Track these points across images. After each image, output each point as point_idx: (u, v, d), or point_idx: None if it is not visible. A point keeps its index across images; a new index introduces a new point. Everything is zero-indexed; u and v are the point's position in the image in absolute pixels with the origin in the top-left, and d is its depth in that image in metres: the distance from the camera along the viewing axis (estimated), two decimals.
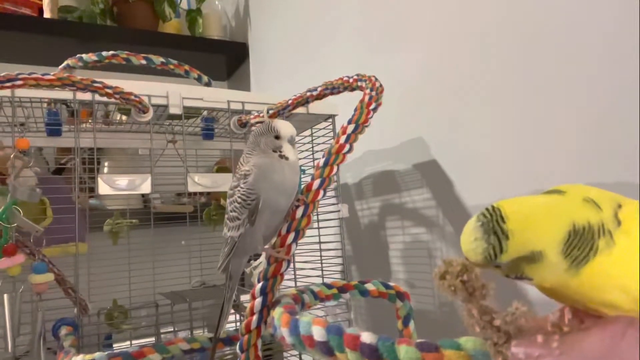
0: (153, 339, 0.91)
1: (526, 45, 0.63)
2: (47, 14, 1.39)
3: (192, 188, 0.79)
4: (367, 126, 0.55)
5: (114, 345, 0.93)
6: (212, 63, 1.61)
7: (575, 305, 0.30)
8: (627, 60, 0.51)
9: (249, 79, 1.57)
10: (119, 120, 0.91)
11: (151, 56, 0.90)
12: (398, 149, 0.87)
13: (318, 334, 0.37)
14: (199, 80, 0.97)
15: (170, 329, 0.90)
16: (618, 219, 0.29)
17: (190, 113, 0.88)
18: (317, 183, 0.52)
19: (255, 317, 0.49)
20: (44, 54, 1.37)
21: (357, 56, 0.98)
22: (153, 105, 0.75)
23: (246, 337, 0.49)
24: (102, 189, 0.72)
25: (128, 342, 0.91)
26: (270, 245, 0.53)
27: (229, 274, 0.57)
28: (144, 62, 0.88)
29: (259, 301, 0.49)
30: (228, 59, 1.62)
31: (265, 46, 1.45)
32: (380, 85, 0.59)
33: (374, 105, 0.55)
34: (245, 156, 0.55)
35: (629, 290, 0.27)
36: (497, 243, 0.27)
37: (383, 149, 0.91)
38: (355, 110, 0.56)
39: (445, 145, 0.77)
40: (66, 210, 0.75)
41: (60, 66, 0.83)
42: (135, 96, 0.70)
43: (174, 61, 0.93)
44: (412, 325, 0.62)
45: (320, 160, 0.54)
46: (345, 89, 0.64)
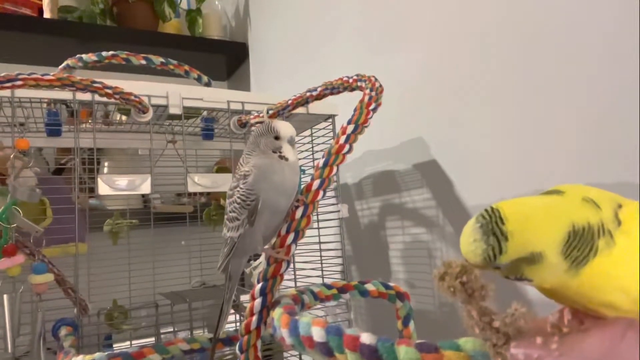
0: (153, 339, 0.91)
1: (526, 45, 0.63)
2: (47, 14, 1.38)
3: (192, 188, 0.79)
4: (367, 126, 0.55)
5: (114, 346, 0.93)
6: (212, 63, 1.61)
7: (575, 306, 0.30)
8: (627, 60, 0.51)
9: (248, 79, 1.56)
10: (119, 121, 0.91)
11: (151, 56, 0.90)
12: (398, 149, 0.87)
13: (317, 334, 0.37)
14: (199, 80, 0.97)
15: (170, 329, 0.90)
16: (618, 219, 0.29)
17: (190, 113, 0.88)
18: (317, 183, 0.52)
19: (254, 318, 0.49)
20: (44, 54, 1.36)
21: (357, 56, 0.98)
22: (153, 106, 0.75)
23: (246, 338, 0.49)
24: (102, 189, 0.72)
25: (128, 343, 0.91)
26: (270, 246, 0.53)
27: (229, 275, 0.57)
28: (143, 62, 0.88)
29: (258, 302, 0.49)
30: (228, 59, 1.61)
31: (265, 46, 1.45)
32: (380, 86, 0.59)
33: (373, 106, 0.55)
34: (245, 157, 0.55)
35: (629, 291, 0.27)
36: (497, 244, 0.27)
37: (383, 149, 0.91)
38: (354, 110, 0.56)
39: (445, 145, 0.77)
40: (66, 210, 0.75)
41: (60, 66, 0.83)
42: (135, 96, 0.70)
43: (174, 61, 0.93)
44: (412, 325, 0.62)
45: (320, 160, 0.54)
46: (345, 89, 0.64)
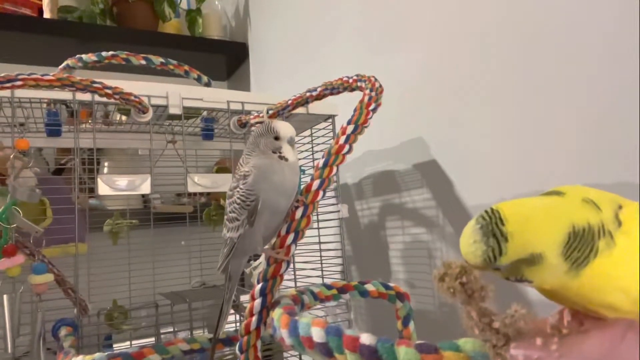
0: (153, 339, 0.91)
1: (526, 45, 0.63)
2: (47, 14, 1.38)
3: (192, 188, 0.79)
4: (367, 127, 0.55)
5: (114, 346, 0.93)
6: (212, 63, 1.61)
7: (575, 307, 0.30)
8: (627, 60, 0.51)
9: (248, 79, 1.56)
10: (119, 121, 0.91)
11: (151, 56, 0.90)
12: (398, 149, 0.87)
13: (317, 335, 0.37)
14: (199, 80, 0.97)
15: (170, 330, 0.90)
16: (619, 220, 0.29)
17: (190, 113, 0.88)
18: (317, 184, 0.52)
19: (254, 318, 0.49)
20: (44, 54, 1.36)
21: (357, 56, 0.98)
22: (153, 106, 0.75)
23: (246, 338, 0.49)
24: (102, 189, 0.72)
25: (128, 343, 0.91)
26: (270, 246, 0.53)
27: (229, 275, 0.57)
28: (143, 63, 0.88)
29: (258, 302, 0.49)
30: (228, 59, 1.61)
31: (265, 46, 1.45)
32: (380, 86, 0.58)
33: (373, 106, 0.55)
34: (245, 157, 0.55)
35: (629, 292, 0.27)
36: (497, 245, 0.27)
37: (383, 149, 0.91)
38: (354, 110, 0.56)
39: (445, 145, 0.77)
40: (66, 210, 0.75)
41: (60, 66, 0.83)
42: (135, 96, 0.70)
43: (174, 61, 0.93)
44: (412, 325, 0.62)
45: (320, 160, 0.54)
46: (345, 90, 0.64)
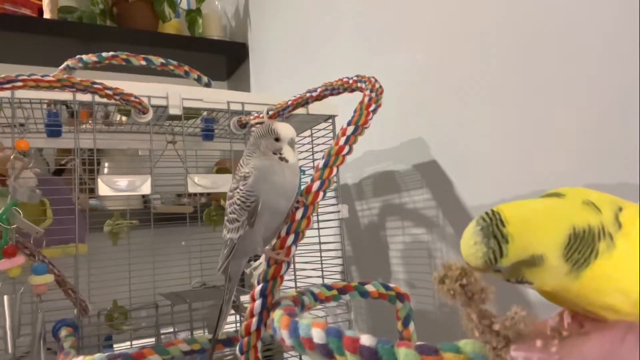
0: (153, 339, 0.91)
1: (526, 45, 0.63)
2: (47, 15, 1.38)
3: (192, 189, 0.79)
4: (367, 127, 0.55)
5: (114, 346, 0.93)
6: (212, 63, 1.61)
7: (575, 309, 0.30)
8: (627, 60, 0.51)
9: (248, 79, 1.56)
10: (119, 121, 0.91)
11: (151, 57, 0.90)
12: (398, 149, 0.87)
13: (317, 336, 0.36)
14: (199, 80, 0.97)
15: (171, 330, 0.90)
16: (619, 222, 0.29)
17: (190, 114, 0.88)
18: (317, 185, 0.52)
19: (255, 319, 0.48)
20: (44, 55, 1.36)
21: (357, 56, 0.98)
22: (153, 106, 0.75)
23: (246, 339, 0.49)
24: (102, 190, 0.72)
25: (128, 343, 0.91)
26: (270, 247, 0.53)
27: (229, 276, 0.57)
28: (143, 63, 0.88)
29: (258, 303, 0.49)
30: (228, 59, 1.61)
31: (265, 46, 1.45)
32: (380, 87, 0.58)
33: (373, 107, 0.55)
34: (245, 158, 0.55)
35: (629, 293, 0.27)
36: (497, 247, 0.27)
37: (383, 149, 0.91)
38: (354, 111, 0.56)
39: (445, 145, 0.77)
40: (66, 211, 0.75)
41: (60, 67, 0.83)
42: (135, 97, 0.70)
43: (174, 62, 0.93)
44: (412, 326, 0.62)
45: (320, 161, 0.54)
46: (345, 90, 0.64)
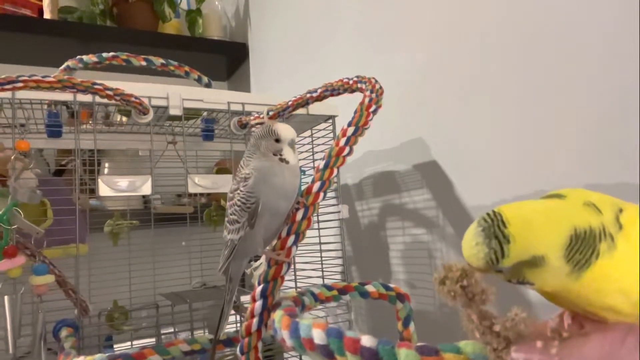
0: (153, 340, 0.91)
1: (526, 45, 0.63)
2: (47, 15, 1.39)
3: (193, 189, 0.79)
4: (367, 128, 0.55)
5: (115, 346, 0.94)
6: (212, 63, 1.61)
7: (576, 310, 0.30)
8: (627, 60, 0.51)
9: (249, 79, 1.56)
10: (119, 122, 0.91)
11: (151, 57, 0.90)
12: (398, 149, 0.87)
13: (318, 337, 0.37)
14: (199, 81, 0.97)
15: (171, 330, 0.91)
16: (619, 223, 0.29)
17: (190, 114, 0.88)
18: (317, 186, 0.52)
19: (255, 320, 0.49)
20: (44, 55, 1.37)
21: (357, 56, 0.98)
22: (153, 107, 0.75)
23: (247, 340, 0.49)
24: (103, 190, 0.72)
25: (128, 343, 0.91)
26: (271, 248, 0.53)
27: (229, 276, 0.57)
28: (144, 64, 0.88)
29: (259, 304, 0.49)
30: (228, 60, 1.61)
31: (265, 46, 1.45)
32: (380, 87, 0.58)
33: (374, 108, 0.55)
34: (246, 159, 0.55)
35: (629, 294, 0.27)
36: (499, 248, 0.27)
37: (383, 149, 0.91)
38: (355, 112, 0.56)
39: (445, 145, 0.77)
40: (67, 211, 0.75)
41: (61, 67, 0.83)
42: (136, 98, 0.70)
43: (174, 62, 0.93)
44: (412, 326, 0.62)
45: (320, 162, 0.54)
46: (345, 91, 0.64)
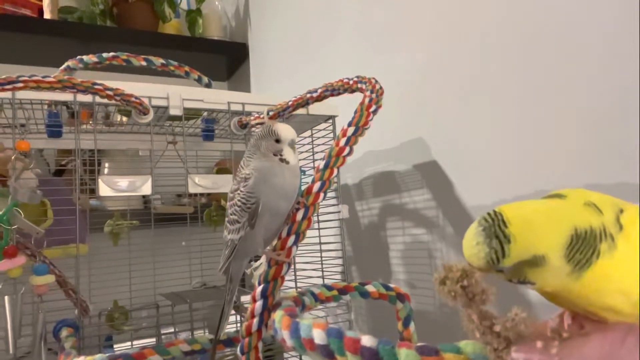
0: (154, 340, 0.91)
1: (526, 45, 0.63)
2: (47, 15, 1.38)
3: (193, 189, 0.79)
4: (367, 128, 0.55)
5: (115, 346, 0.94)
6: (212, 63, 1.61)
7: (576, 310, 0.30)
8: (627, 60, 0.51)
9: (249, 79, 1.56)
10: (120, 122, 0.91)
11: (151, 57, 0.90)
12: (398, 149, 0.87)
13: (318, 337, 0.37)
14: (199, 81, 0.97)
15: (171, 330, 0.91)
16: (620, 223, 0.29)
17: (190, 114, 0.88)
18: (318, 186, 0.52)
19: (256, 320, 0.49)
20: (44, 55, 1.37)
21: (357, 56, 0.98)
22: (153, 107, 0.75)
23: (247, 340, 0.49)
24: (103, 190, 0.72)
25: (129, 343, 0.91)
26: (271, 248, 0.53)
27: (230, 277, 0.57)
28: (144, 64, 0.88)
29: (259, 304, 0.49)
30: (228, 60, 1.61)
31: (265, 46, 1.45)
32: (381, 88, 0.58)
33: (374, 108, 0.55)
34: (246, 159, 0.55)
35: (629, 294, 0.27)
36: (500, 247, 0.27)
37: (383, 149, 0.91)
38: (355, 112, 0.56)
39: (445, 145, 0.77)
40: (67, 211, 0.75)
41: (61, 67, 0.83)
42: (136, 98, 0.70)
43: (174, 62, 0.93)
44: (412, 326, 0.62)
45: (321, 162, 0.54)
46: (345, 91, 0.64)
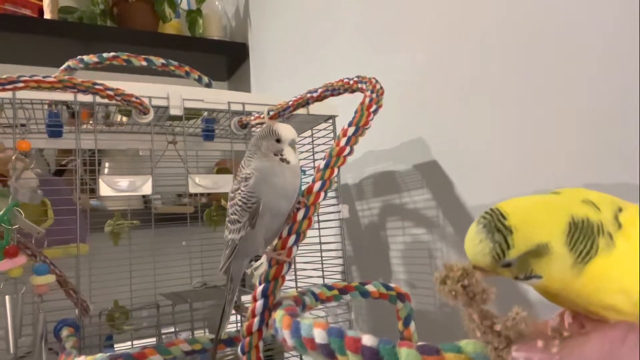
0: (154, 339, 0.91)
1: (526, 45, 0.63)
2: (48, 15, 1.38)
3: (193, 189, 0.79)
4: (368, 128, 0.56)
5: (115, 346, 0.94)
6: (213, 63, 1.61)
7: (576, 309, 0.30)
8: (627, 60, 0.51)
9: (249, 79, 1.56)
10: (120, 122, 0.91)
11: (152, 57, 0.90)
12: (398, 149, 0.87)
13: (319, 336, 0.37)
14: (200, 81, 0.97)
15: (172, 330, 0.91)
16: (619, 222, 0.29)
17: (190, 114, 0.88)
18: (318, 185, 0.52)
19: (256, 320, 0.49)
20: (45, 55, 1.37)
21: (357, 56, 0.98)
22: (154, 107, 0.75)
23: (248, 340, 0.49)
24: (103, 190, 0.72)
25: (129, 343, 0.91)
26: (272, 248, 0.53)
27: (230, 276, 0.57)
28: (144, 64, 0.88)
29: (260, 304, 0.49)
30: (228, 60, 1.61)
31: (265, 46, 1.45)
32: (381, 87, 0.58)
33: (374, 108, 0.55)
34: (247, 159, 0.55)
35: (630, 293, 0.27)
36: (503, 239, 0.27)
37: (383, 149, 0.91)
38: (355, 112, 0.56)
39: (445, 145, 0.77)
40: (67, 211, 0.75)
41: (62, 67, 0.83)
42: (136, 98, 0.70)
43: (175, 62, 0.93)
44: (413, 326, 0.62)
45: (321, 162, 0.54)
46: (346, 91, 0.64)
